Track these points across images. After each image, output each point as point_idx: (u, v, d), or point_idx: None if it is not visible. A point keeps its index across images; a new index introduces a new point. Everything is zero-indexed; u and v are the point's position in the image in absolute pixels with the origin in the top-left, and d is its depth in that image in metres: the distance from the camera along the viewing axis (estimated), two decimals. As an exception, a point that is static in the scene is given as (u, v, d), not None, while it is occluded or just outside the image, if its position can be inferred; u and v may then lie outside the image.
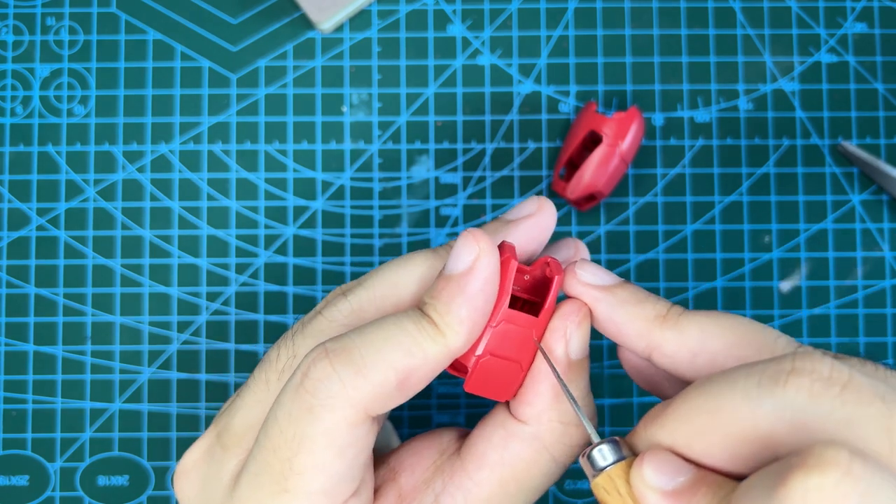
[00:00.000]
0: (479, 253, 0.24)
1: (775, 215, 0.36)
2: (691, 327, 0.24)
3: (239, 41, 0.37)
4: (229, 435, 0.26)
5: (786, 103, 0.37)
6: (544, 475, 0.26)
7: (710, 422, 0.20)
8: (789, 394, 0.19)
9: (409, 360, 0.23)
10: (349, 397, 0.22)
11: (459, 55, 0.37)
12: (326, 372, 0.22)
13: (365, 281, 0.26)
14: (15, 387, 0.36)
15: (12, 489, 0.35)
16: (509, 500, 0.26)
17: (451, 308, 0.23)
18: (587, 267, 0.25)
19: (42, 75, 0.37)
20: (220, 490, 0.25)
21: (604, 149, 0.34)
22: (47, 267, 0.36)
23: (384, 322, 0.23)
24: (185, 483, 0.27)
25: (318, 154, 0.37)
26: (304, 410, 0.23)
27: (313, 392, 0.22)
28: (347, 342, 0.23)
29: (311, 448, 0.22)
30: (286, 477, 0.23)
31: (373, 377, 0.22)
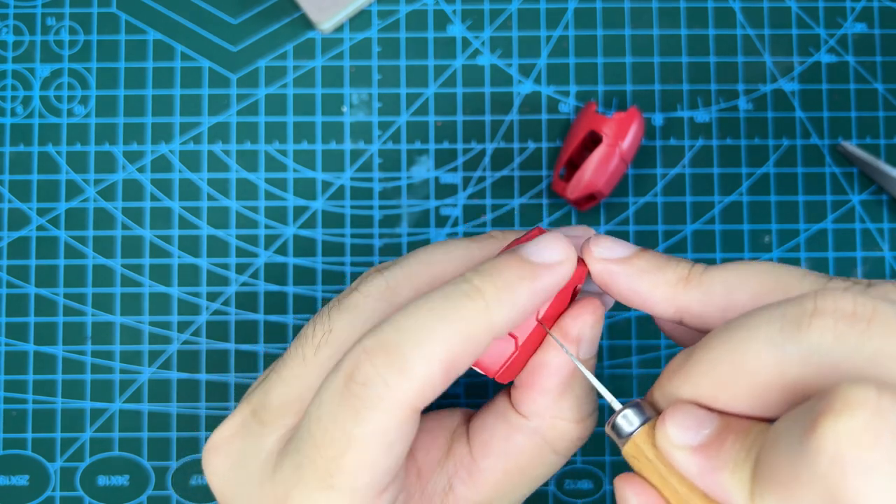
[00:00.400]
0: (566, 257, 0.24)
1: (775, 215, 0.36)
2: (715, 284, 0.23)
3: (239, 41, 0.37)
4: (266, 411, 0.26)
5: (786, 103, 0.37)
6: (546, 466, 0.26)
7: (734, 372, 0.20)
8: (813, 337, 0.19)
9: (451, 348, 0.22)
10: (395, 398, 0.22)
11: (459, 55, 0.37)
12: (369, 375, 0.22)
13: (401, 260, 0.26)
14: (15, 387, 0.36)
15: (12, 489, 0.35)
16: (514, 486, 0.26)
17: (514, 287, 0.23)
18: (602, 242, 0.25)
19: (42, 75, 0.37)
20: (257, 466, 0.25)
21: (604, 149, 0.34)
22: (47, 267, 0.36)
23: (421, 311, 0.23)
24: (215, 458, 0.26)
25: (318, 154, 0.37)
26: (350, 413, 0.22)
27: (358, 395, 0.22)
28: (385, 339, 0.22)
29: (358, 448, 0.22)
30: (332, 474, 0.22)
31: (417, 373, 0.22)
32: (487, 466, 0.26)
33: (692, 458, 0.20)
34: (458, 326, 0.22)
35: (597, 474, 0.35)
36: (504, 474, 0.26)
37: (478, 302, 0.22)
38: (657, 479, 0.21)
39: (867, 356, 0.18)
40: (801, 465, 0.17)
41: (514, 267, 0.23)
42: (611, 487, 0.35)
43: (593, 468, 0.36)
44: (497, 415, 0.26)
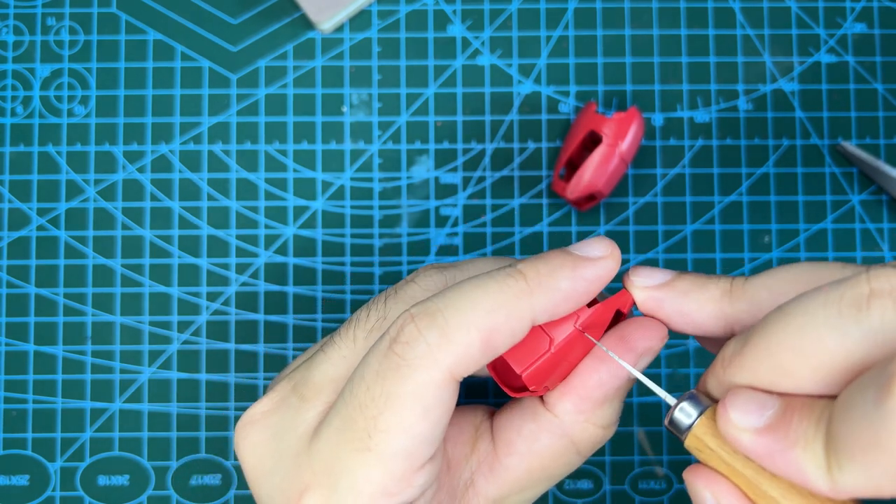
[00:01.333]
0: (608, 254, 0.24)
1: (775, 215, 0.36)
2: (760, 291, 0.23)
3: (239, 41, 0.37)
4: (308, 386, 0.26)
5: (785, 103, 0.37)
6: (567, 465, 0.26)
7: (795, 357, 0.20)
8: (875, 318, 0.19)
9: (491, 320, 0.23)
10: (435, 359, 0.23)
11: (459, 55, 0.37)
12: (413, 335, 0.23)
13: (460, 263, 0.28)
14: (15, 387, 0.36)
15: (12, 489, 0.35)
16: (533, 484, 0.26)
17: (555, 273, 0.24)
18: (640, 271, 0.25)
19: (42, 75, 0.37)
20: (294, 439, 0.25)
21: (604, 149, 0.34)
22: (47, 267, 0.36)
23: (465, 284, 0.24)
24: (251, 432, 0.26)
25: (318, 154, 0.37)
26: (392, 370, 0.23)
27: (401, 354, 0.23)
28: (431, 305, 0.23)
29: (397, 406, 0.23)
30: (370, 435, 0.23)
31: (457, 339, 0.23)
32: (511, 464, 0.26)
33: (760, 440, 0.20)
34: (499, 301, 0.23)
35: (597, 474, 0.35)
36: (527, 472, 0.26)
37: (520, 282, 0.23)
38: (724, 467, 0.22)
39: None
40: (880, 429, 0.18)
41: (557, 256, 0.24)
42: (610, 487, 0.35)
43: (593, 468, 0.36)
44: (525, 413, 0.26)
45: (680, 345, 0.36)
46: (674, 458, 0.36)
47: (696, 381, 0.35)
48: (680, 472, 0.36)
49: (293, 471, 0.25)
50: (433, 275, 0.27)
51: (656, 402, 0.36)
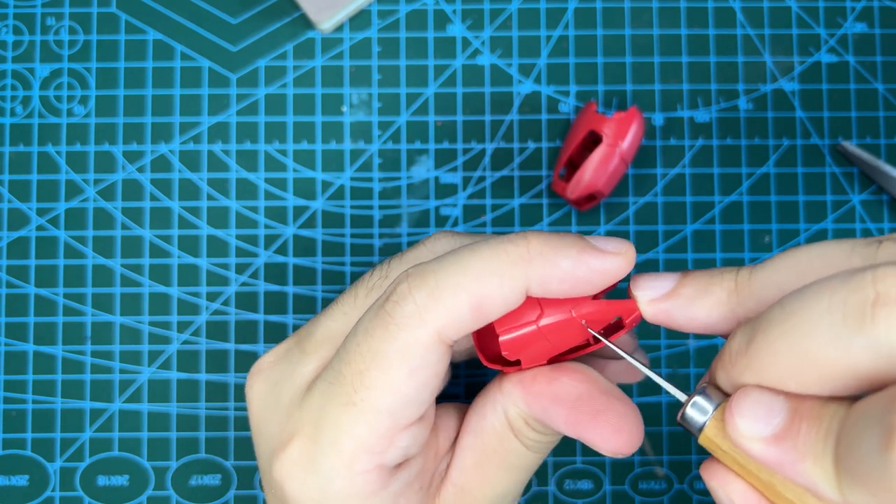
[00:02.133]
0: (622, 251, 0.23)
1: (775, 215, 0.36)
2: (767, 289, 0.22)
3: (239, 41, 0.37)
4: (310, 340, 0.27)
5: (786, 103, 0.37)
6: (515, 455, 0.26)
7: (800, 363, 0.19)
8: (880, 330, 0.18)
9: (483, 285, 0.22)
10: (423, 318, 0.23)
11: (459, 55, 0.37)
12: (404, 294, 0.23)
13: (474, 235, 0.27)
14: (15, 387, 0.36)
15: (12, 489, 0.35)
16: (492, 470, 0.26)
17: (560, 250, 0.23)
18: (642, 284, 0.24)
19: (42, 75, 0.37)
20: (291, 390, 0.26)
21: (604, 149, 0.34)
22: (47, 267, 0.36)
23: (464, 249, 0.23)
24: (257, 381, 0.27)
25: (318, 154, 0.37)
26: (381, 328, 0.23)
27: (391, 312, 0.23)
28: (426, 267, 0.23)
29: (382, 363, 0.23)
30: (356, 390, 0.23)
31: (446, 300, 0.22)
32: (467, 443, 0.26)
33: (768, 450, 0.20)
34: (493, 266, 0.23)
35: (597, 474, 0.35)
36: (481, 453, 0.26)
37: (521, 248, 0.23)
38: (737, 467, 0.21)
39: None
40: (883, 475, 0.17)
41: (570, 237, 0.23)
42: (610, 487, 0.35)
43: (593, 468, 0.36)
44: (485, 392, 0.26)
45: (680, 345, 0.36)
46: (674, 458, 0.36)
47: (697, 380, 0.35)
48: (680, 472, 0.36)
49: (285, 420, 0.25)
50: (443, 238, 0.27)
51: (656, 402, 0.36)
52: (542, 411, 0.24)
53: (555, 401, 0.24)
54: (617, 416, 0.24)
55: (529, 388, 0.25)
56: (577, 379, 0.24)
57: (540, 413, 0.25)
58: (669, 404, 0.36)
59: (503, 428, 0.25)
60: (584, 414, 0.24)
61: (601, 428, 0.24)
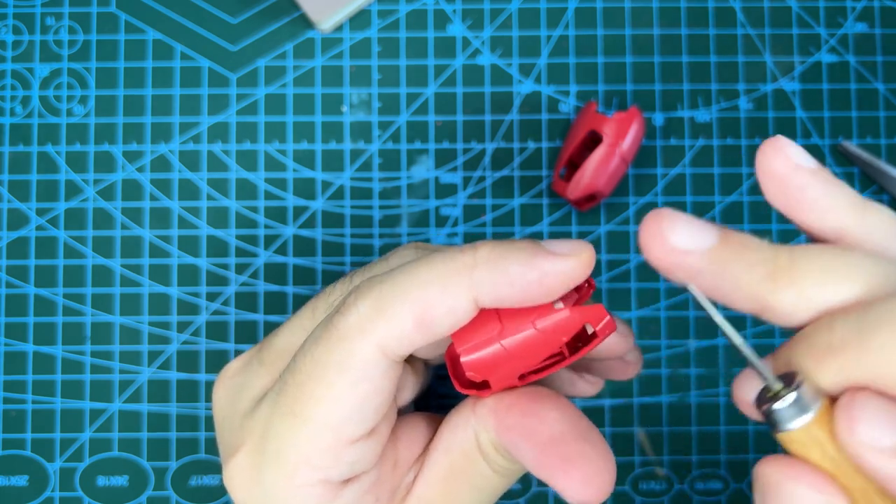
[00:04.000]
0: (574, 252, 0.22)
1: (776, 215, 0.36)
2: (808, 286, 0.20)
3: (239, 41, 0.37)
4: (268, 352, 0.27)
5: (786, 103, 0.37)
6: (482, 477, 0.25)
7: None
8: None
9: (426, 294, 0.22)
10: (363, 330, 0.22)
11: (459, 55, 0.37)
12: (349, 305, 0.22)
13: (441, 247, 0.26)
14: (14, 387, 0.36)
15: (12, 489, 0.35)
16: (457, 490, 0.25)
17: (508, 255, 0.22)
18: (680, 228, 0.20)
19: (41, 75, 0.37)
20: (247, 400, 0.26)
21: (604, 149, 0.34)
22: (47, 267, 0.36)
23: (413, 261, 0.23)
24: (220, 388, 0.27)
25: (318, 154, 0.37)
26: (324, 339, 0.23)
27: (335, 324, 0.22)
28: (375, 279, 0.23)
29: (322, 375, 0.22)
30: (297, 400, 0.23)
31: (388, 312, 0.22)
32: (435, 459, 0.25)
33: (890, 462, 0.18)
34: (436, 274, 0.22)
35: (597, 475, 0.35)
36: (448, 471, 0.25)
37: (467, 257, 0.22)
38: (833, 468, 0.19)
39: None
40: None
41: (520, 242, 0.22)
42: (611, 488, 0.35)
43: (593, 468, 0.35)
44: (456, 409, 0.25)
45: (680, 345, 0.36)
46: (674, 458, 0.36)
47: (696, 382, 0.35)
48: (680, 472, 0.35)
49: (237, 430, 0.25)
50: (406, 251, 0.26)
51: (657, 402, 0.36)
52: (513, 445, 0.23)
53: (526, 437, 0.23)
54: (589, 466, 0.22)
55: (503, 418, 0.24)
56: (552, 418, 0.23)
57: (510, 446, 0.24)
58: (670, 405, 0.36)
59: (472, 449, 0.24)
60: (555, 458, 0.23)
61: (569, 477, 0.22)
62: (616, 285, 0.36)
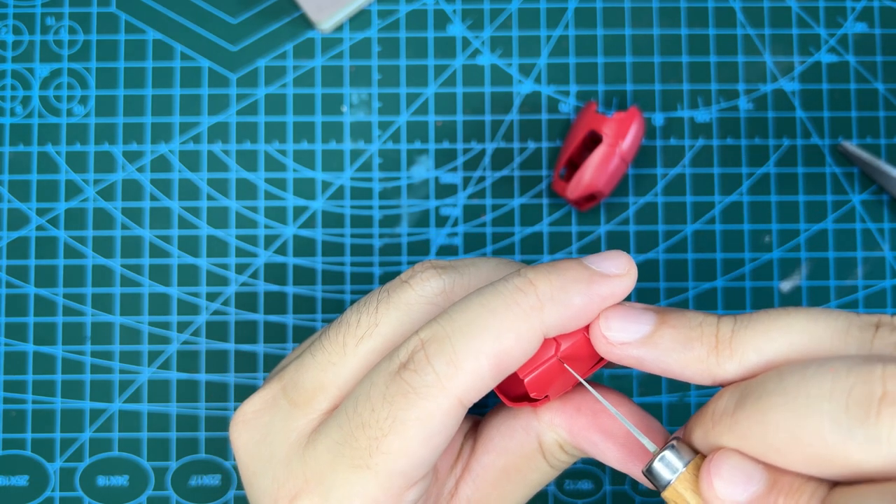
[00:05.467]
0: (626, 272, 0.23)
1: (775, 215, 0.36)
2: (748, 353, 0.21)
3: (239, 41, 0.37)
4: (298, 392, 0.26)
5: (786, 103, 0.37)
6: (538, 472, 0.26)
7: (789, 441, 0.19)
8: (883, 427, 0.17)
9: (500, 345, 0.22)
10: (444, 388, 0.22)
11: (459, 55, 0.37)
12: (422, 363, 0.22)
13: (459, 266, 0.26)
14: (14, 387, 0.36)
15: (12, 489, 0.35)
16: (511, 487, 0.26)
17: (569, 288, 0.22)
18: (613, 322, 0.23)
19: (42, 75, 0.37)
20: (286, 445, 0.25)
21: (604, 149, 0.34)
22: (47, 267, 0.36)
23: (472, 304, 0.23)
24: (244, 431, 0.26)
25: (318, 154, 0.37)
26: (400, 396, 0.22)
27: (409, 381, 0.22)
28: (439, 330, 0.23)
29: (402, 432, 0.22)
30: (371, 455, 0.23)
31: (466, 367, 0.22)
32: (487, 461, 0.26)
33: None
34: (509, 323, 0.22)
35: (597, 474, 0.35)
36: (502, 471, 0.26)
37: (530, 298, 0.22)
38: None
39: None
40: None
41: (573, 269, 0.23)
42: (611, 488, 0.35)
43: (593, 468, 0.35)
44: (509, 411, 0.26)
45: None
46: (674, 459, 0.36)
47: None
48: (680, 472, 0.35)
49: (283, 475, 0.25)
50: (430, 278, 0.26)
51: (657, 402, 0.36)
52: (591, 445, 0.25)
53: (605, 436, 0.24)
54: (659, 441, 0.24)
55: (575, 420, 0.25)
56: (623, 413, 0.24)
57: (587, 446, 0.25)
58: (670, 404, 0.36)
59: (533, 450, 0.25)
60: (637, 451, 0.24)
61: None
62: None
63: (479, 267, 0.26)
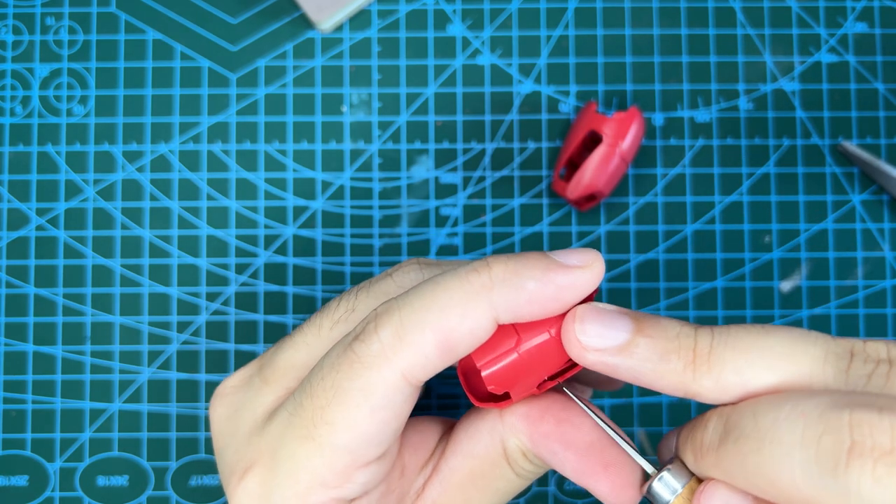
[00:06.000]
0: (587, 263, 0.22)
1: (775, 215, 0.36)
2: (726, 372, 0.21)
3: (239, 41, 0.37)
4: (271, 369, 0.26)
5: (786, 103, 0.37)
6: (505, 480, 0.25)
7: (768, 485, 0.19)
8: (852, 479, 0.18)
9: (447, 319, 0.22)
10: (388, 358, 0.22)
11: (459, 55, 0.37)
12: (370, 332, 0.22)
13: (444, 265, 0.26)
14: (14, 387, 0.36)
15: (12, 489, 0.35)
16: (477, 494, 0.26)
17: (523, 272, 0.22)
18: (588, 327, 0.22)
19: (41, 75, 0.37)
20: (251, 419, 0.26)
21: (604, 149, 0.34)
22: (47, 267, 0.36)
23: (428, 282, 0.23)
24: (219, 405, 0.27)
25: (318, 154, 0.37)
26: (346, 364, 0.22)
27: (356, 350, 0.22)
28: (392, 304, 0.23)
29: (343, 401, 0.22)
30: (315, 424, 0.23)
31: (411, 339, 0.22)
32: (455, 465, 0.26)
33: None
34: (456, 297, 0.22)
35: (597, 474, 0.35)
36: (469, 476, 0.25)
37: (483, 277, 0.22)
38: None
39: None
40: None
41: (531, 256, 0.22)
42: (611, 488, 0.35)
43: (593, 468, 0.35)
44: (479, 413, 0.26)
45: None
46: (674, 459, 0.36)
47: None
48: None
49: (243, 448, 0.25)
50: (411, 271, 0.26)
51: (657, 402, 0.36)
52: (549, 453, 0.24)
53: (564, 445, 0.24)
54: (627, 469, 0.24)
55: (537, 426, 0.24)
56: (588, 424, 0.24)
57: (546, 454, 0.24)
58: (670, 404, 0.36)
59: (497, 455, 0.25)
60: (595, 464, 0.24)
61: (611, 482, 0.24)
62: (616, 285, 0.36)
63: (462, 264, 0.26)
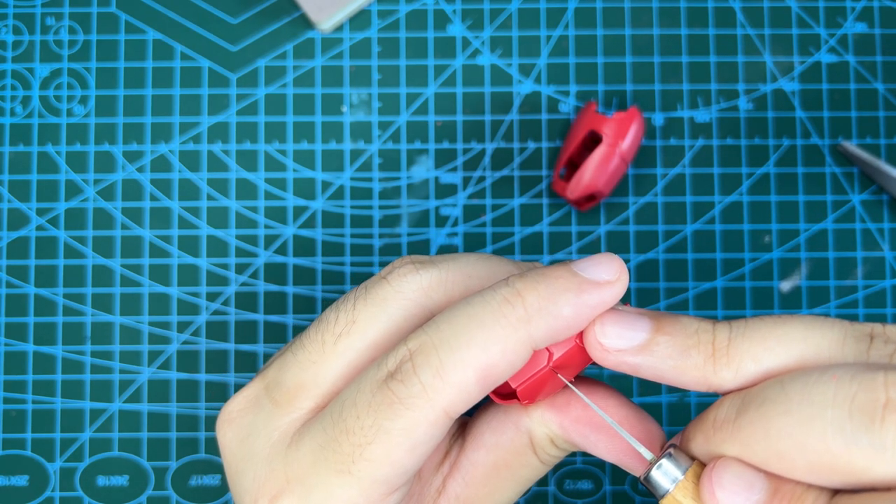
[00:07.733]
0: (617, 278, 0.22)
1: (775, 215, 0.36)
2: (745, 362, 0.21)
3: (239, 41, 0.37)
4: (280, 391, 0.26)
5: (786, 103, 0.37)
6: (529, 468, 0.26)
7: (795, 448, 0.19)
8: (888, 435, 0.18)
9: (487, 358, 0.22)
10: (430, 399, 0.22)
11: (459, 55, 0.37)
12: (408, 373, 0.22)
13: (439, 262, 0.26)
14: (15, 387, 0.36)
15: (12, 489, 0.35)
16: (501, 483, 0.26)
17: (558, 298, 0.22)
18: (609, 329, 0.23)
19: (42, 75, 0.37)
20: (266, 443, 0.25)
21: (604, 149, 0.34)
22: (47, 267, 0.36)
23: (459, 315, 0.22)
24: (228, 430, 0.26)
25: (318, 154, 0.37)
26: (386, 405, 0.22)
27: (395, 391, 0.22)
28: (426, 341, 0.22)
29: (386, 441, 0.22)
30: (354, 461, 0.23)
31: (452, 379, 0.22)
32: (478, 458, 0.26)
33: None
34: (495, 334, 0.22)
35: (597, 474, 0.35)
36: (493, 468, 0.26)
37: (518, 310, 0.22)
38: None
39: None
40: None
41: (561, 278, 0.22)
42: (610, 488, 0.35)
43: (593, 468, 0.35)
44: (497, 408, 0.26)
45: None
46: (674, 459, 0.36)
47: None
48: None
49: (264, 474, 0.25)
50: (407, 274, 0.25)
51: (657, 402, 0.36)
52: (582, 438, 0.25)
53: (595, 428, 0.24)
54: (655, 443, 0.24)
55: (566, 413, 0.25)
56: (612, 405, 0.25)
57: (577, 438, 0.25)
58: (670, 404, 0.36)
59: (523, 446, 0.25)
60: (625, 441, 0.24)
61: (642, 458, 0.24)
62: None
63: (458, 261, 0.26)
